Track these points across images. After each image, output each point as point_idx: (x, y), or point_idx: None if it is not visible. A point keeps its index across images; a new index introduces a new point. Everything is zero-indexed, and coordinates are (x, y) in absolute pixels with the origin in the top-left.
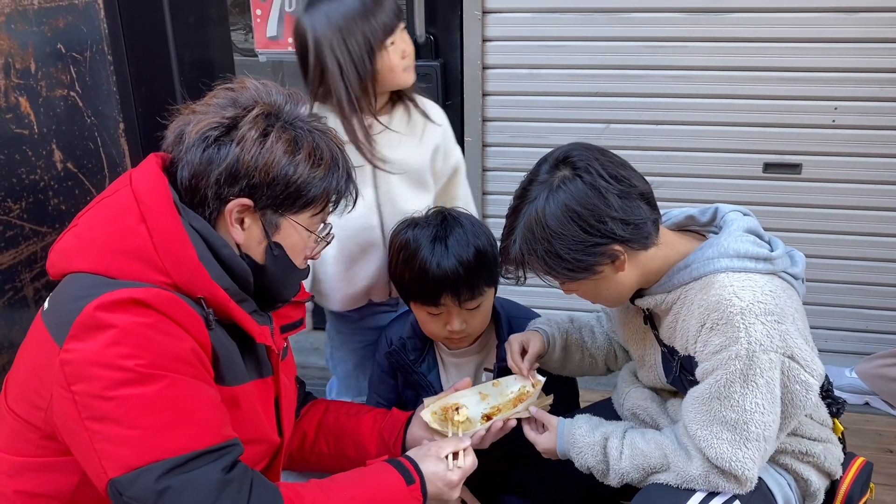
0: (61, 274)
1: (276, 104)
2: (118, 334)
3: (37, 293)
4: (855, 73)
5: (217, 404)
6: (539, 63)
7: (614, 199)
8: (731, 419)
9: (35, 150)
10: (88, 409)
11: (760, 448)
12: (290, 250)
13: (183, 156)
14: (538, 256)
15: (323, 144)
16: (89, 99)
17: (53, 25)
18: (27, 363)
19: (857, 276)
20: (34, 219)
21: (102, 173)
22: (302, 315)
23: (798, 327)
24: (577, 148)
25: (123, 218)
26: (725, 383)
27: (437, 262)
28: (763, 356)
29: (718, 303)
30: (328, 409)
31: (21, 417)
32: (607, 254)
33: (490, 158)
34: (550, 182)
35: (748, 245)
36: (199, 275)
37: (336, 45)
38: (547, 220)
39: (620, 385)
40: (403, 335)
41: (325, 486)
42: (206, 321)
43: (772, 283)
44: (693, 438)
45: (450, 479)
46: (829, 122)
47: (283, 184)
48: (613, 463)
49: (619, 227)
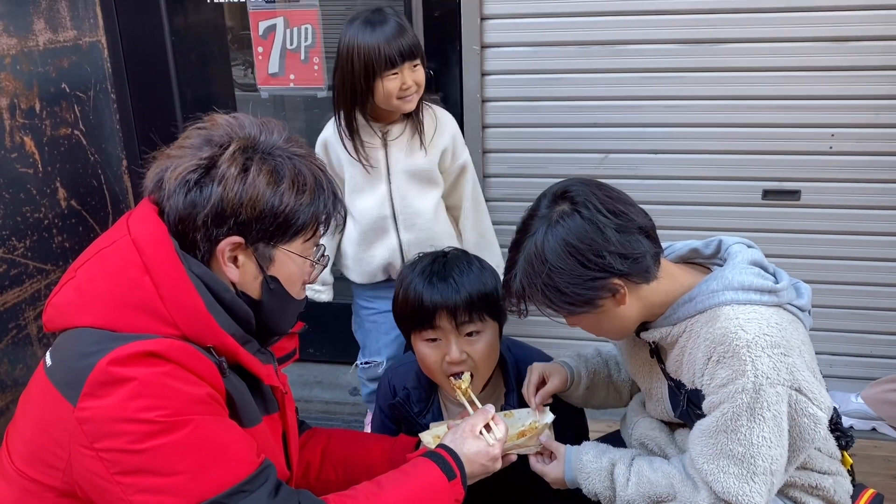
0: (61, 328)
1: (251, 137)
2: (138, 387)
3: (40, 331)
4: (851, 101)
5: (242, 434)
6: (537, 95)
7: (612, 234)
8: (739, 453)
9: (39, 189)
10: (118, 465)
11: (767, 482)
12: (286, 281)
13: (166, 202)
14: (538, 290)
15: (305, 169)
16: (93, 137)
17: (58, 65)
18: (34, 421)
19: (860, 301)
20: (38, 257)
21: (106, 210)
22: (295, 345)
23: (805, 360)
24: (575, 183)
25: (126, 270)
26: (732, 416)
27: (435, 283)
28: (770, 389)
29: (724, 335)
30: (331, 438)
31: (33, 479)
32: (607, 287)
33: (491, 189)
34: (549, 217)
35: (752, 277)
36: (209, 325)
37: (348, 59)
38: (546, 254)
39: (629, 415)
40: (408, 385)
41: (372, 493)
42: (220, 368)
43: (777, 315)
44: (700, 472)
45: (492, 454)
46: (827, 148)
47: (271, 216)
48: (620, 489)
49: (618, 260)
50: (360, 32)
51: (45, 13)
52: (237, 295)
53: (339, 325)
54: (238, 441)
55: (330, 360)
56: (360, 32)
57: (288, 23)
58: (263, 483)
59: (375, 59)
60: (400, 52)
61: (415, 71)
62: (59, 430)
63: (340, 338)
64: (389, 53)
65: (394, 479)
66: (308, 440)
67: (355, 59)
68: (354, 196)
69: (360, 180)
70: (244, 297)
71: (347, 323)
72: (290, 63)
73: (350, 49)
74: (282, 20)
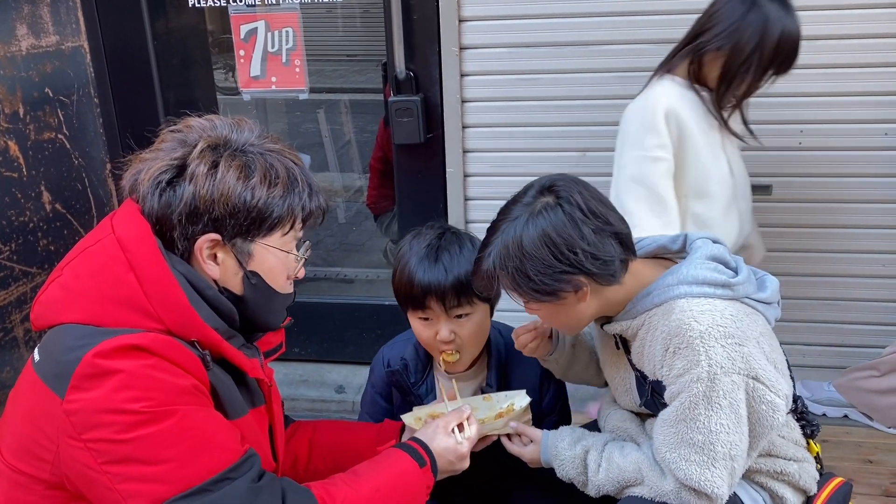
0: (48, 325)
1: (220, 136)
2: (124, 379)
3: (27, 334)
4: (819, 98)
5: (227, 424)
6: (516, 96)
7: (588, 233)
8: (698, 441)
9: (24, 193)
10: (106, 455)
11: (728, 467)
12: (268, 275)
13: (142, 203)
14: (508, 273)
15: (277, 164)
16: (76, 141)
17: (41, 70)
18: (23, 416)
19: (830, 292)
20: (24, 260)
21: (90, 213)
22: (281, 339)
23: (764, 350)
24: (563, 179)
25: (111, 267)
26: (690, 406)
27: (425, 267)
28: (725, 378)
29: (679, 327)
30: (317, 429)
31: (22, 471)
32: (572, 283)
33: (471, 188)
34: (533, 206)
35: (707, 272)
36: (192, 319)
37: (759, 41)
38: (523, 241)
39: (603, 407)
40: (406, 356)
41: (351, 481)
42: (204, 362)
43: (733, 307)
44: (663, 461)
45: (460, 452)
46: (797, 144)
47: (244, 210)
48: (591, 475)
49: (588, 259)
50: (783, 15)
51: (27, 18)
52: (220, 292)
53: (324, 324)
54: (222, 430)
55: (315, 359)
56: (782, 15)
57: (269, 26)
58: (248, 471)
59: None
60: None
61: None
62: (48, 422)
63: (326, 336)
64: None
65: (368, 467)
66: (294, 433)
67: (772, 40)
68: (712, 164)
69: (709, 150)
70: (227, 294)
71: (332, 321)
72: (271, 66)
73: (770, 27)
74: (263, 24)
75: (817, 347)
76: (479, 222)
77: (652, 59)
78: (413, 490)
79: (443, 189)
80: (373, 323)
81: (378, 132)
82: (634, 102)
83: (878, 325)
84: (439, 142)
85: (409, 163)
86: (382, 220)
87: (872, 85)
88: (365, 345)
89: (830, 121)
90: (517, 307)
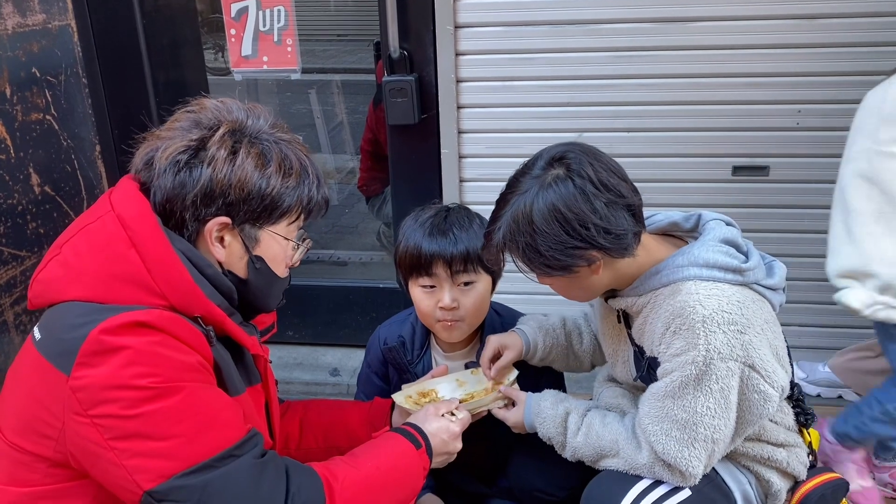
0: (48, 303)
1: (238, 121)
2: (131, 355)
3: (17, 318)
4: (816, 77)
5: (231, 402)
6: (512, 75)
7: (600, 207)
8: (682, 419)
9: (12, 175)
10: (112, 431)
11: (708, 448)
12: (271, 261)
13: (154, 181)
14: (518, 248)
15: (290, 154)
16: (65, 122)
17: (27, 50)
18: (25, 394)
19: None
20: (13, 243)
21: (80, 196)
22: (273, 320)
23: (767, 338)
24: (574, 149)
25: (112, 244)
26: (680, 385)
27: (435, 236)
28: (721, 364)
29: (682, 309)
30: (308, 408)
31: (25, 449)
32: (584, 257)
33: (467, 170)
34: (543, 178)
35: (719, 255)
36: (196, 295)
37: None
38: (533, 215)
39: (596, 385)
40: (403, 334)
41: (350, 461)
42: (208, 338)
43: (740, 293)
44: (644, 431)
45: (453, 430)
46: (794, 124)
47: (258, 198)
48: (570, 437)
49: (601, 234)
50: None
51: None
52: (223, 273)
53: (318, 308)
54: (227, 408)
55: (310, 343)
56: None
57: (260, 4)
58: (252, 448)
59: None
60: None
61: None
62: (53, 400)
63: (320, 320)
64: None
65: (366, 450)
66: (285, 412)
67: None
68: None
69: None
70: (231, 276)
71: (326, 304)
72: (263, 45)
73: None
74: (254, 2)
75: (812, 328)
76: (474, 204)
77: (651, 39)
78: (411, 470)
79: (437, 171)
80: (367, 306)
81: (368, 114)
82: (876, 89)
83: None
84: (434, 122)
85: (404, 144)
86: (374, 202)
87: (871, 65)
88: (359, 328)
89: (829, 101)
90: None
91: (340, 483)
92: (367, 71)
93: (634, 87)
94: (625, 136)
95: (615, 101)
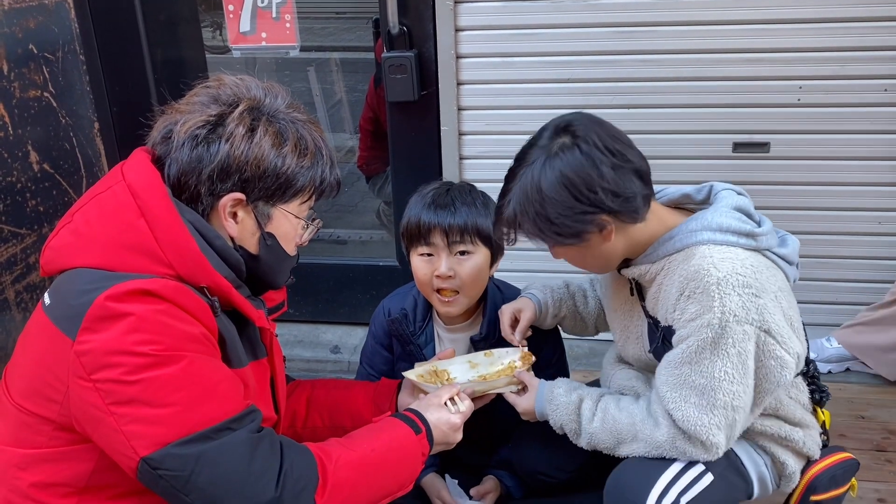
0: (59, 270)
1: (257, 98)
2: (135, 322)
3: (18, 295)
4: (818, 53)
5: (232, 375)
6: (512, 51)
7: (607, 171)
8: (700, 384)
9: (11, 152)
10: (113, 395)
11: (728, 416)
12: (282, 239)
13: (171, 154)
14: (530, 218)
15: (306, 134)
16: (63, 99)
17: (24, 26)
18: (33, 358)
19: (826, 250)
20: (13, 221)
21: (79, 174)
22: (283, 297)
23: (782, 305)
24: (579, 118)
25: (122, 213)
26: (697, 349)
27: (436, 206)
28: (737, 327)
29: (697, 272)
30: (315, 387)
31: (31, 412)
32: (595, 223)
33: (466, 147)
34: (549, 147)
35: (731, 220)
36: (202, 265)
37: None
38: (541, 183)
39: (605, 369)
40: (406, 307)
41: (346, 443)
42: (213, 308)
43: (754, 258)
44: (662, 400)
45: (453, 423)
46: (795, 100)
47: (274, 176)
48: (585, 423)
49: (609, 198)
50: None
51: None
52: (235, 248)
53: (318, 286)
54: (227, 381)
55: (310, 321)
56: None
57: None
58: (249, 424)
59: None
60: None
61: None
62: (58, 364)
63: (320, 298)
64: None
65: (364, 432)
66: (293, 391)
67: None
68: None
69: None
70: (242, 252)
71: (326, 283)
72: (261, 21)
73: None
74: None
75: (811, 305)
76: (474, 181)
77: (652, 14)
78: (408, 455)
79: (437, 148)
80: (367, 284)
81: (367, 92)
82: None
83: (874, 283)
84: (434, 99)
85: (403, 121)
86: (374, 181)
87: (872, 40)
88: (359, 306)
89: (830, 77)
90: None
91: (334, 463)
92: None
93: (635, 63)
94: (625, 112)
95: (615, 77)
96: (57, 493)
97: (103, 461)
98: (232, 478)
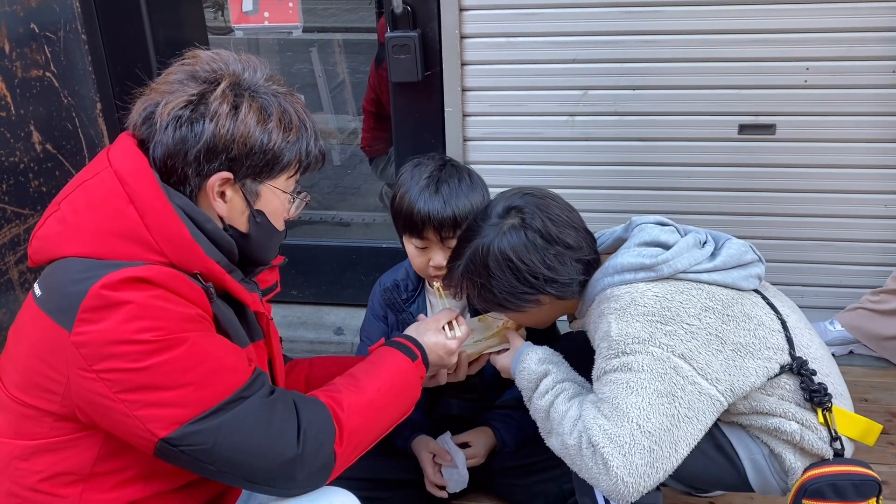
0: (47, 260)
1: (236, 74)
2: (133, 310)
3: (21, 276)
4: (825, 34)
5: (234, 346)
6: (516, 31)
7: (550, 258)
8: (605, 394)
9: (13, 132)
10: (120, 384)
11: (635, 436)
12: (271, 215)
13: (155, 136)
14: (475, 286)
15: (289, 108)
16: (65, 79)
17: (25, 5)
18: (27, 350)
19: (830, 233)
20: (15, 201)
21: (82, 154)
22: (276, 279)
23: (705, 326)
24: (529, 199)
25: (110, 201)
26: (607, 370)
27: (426, 198)
28: (640, 348)
29: (601, 315)
30: (313, 365)
31: (30, 405)
32: (533, 301)
33: (470, 128)
34: (500, 227)
35: (628, 258)
36: (194, 251)
37: None
38: (488, 260)
39: None
40: (398, 278)
41: (353, 385)
42: (208, 294)
43: (657, 287)
44: (580, 409)
45: (450, 347)
46: (802, 82)
47: (261, 153)
48: (536, 397)
49: (549, 284)
50: None
51: None
52: (224, 229)
53: (321, 267)
54: (231, 353)
55: (313, 302)
56: None
57: None
58: (260, 388)
59: None
60: None
61: None
62: (55, 356)
63: (323, 279)
64: None
65: (365, 370)
66: (291, 370)
67: None
68: None
69: None
70: (232, 231)
71: (329, 264)
72: (263, 1)
73: None
74: None
75: (815, 288)
76: (478, 163)
77: None
78: (409, 384)
79: (441, 129)
80: (370, 266)
81: (370, 73)
82: None
83: (880, 266)
84: (437, 80)
85: (406, 102)
86: (377, 163)
87: (880, 21)
88: (362, 287)
89: (837, 58)
90: None
91: (346, 411)
92: (369, 30)
93: (640, 44)
94: (630, 93)
95: (621, 58)
96: (61, 483)
97: (107, 448)
98: (254, 441)
